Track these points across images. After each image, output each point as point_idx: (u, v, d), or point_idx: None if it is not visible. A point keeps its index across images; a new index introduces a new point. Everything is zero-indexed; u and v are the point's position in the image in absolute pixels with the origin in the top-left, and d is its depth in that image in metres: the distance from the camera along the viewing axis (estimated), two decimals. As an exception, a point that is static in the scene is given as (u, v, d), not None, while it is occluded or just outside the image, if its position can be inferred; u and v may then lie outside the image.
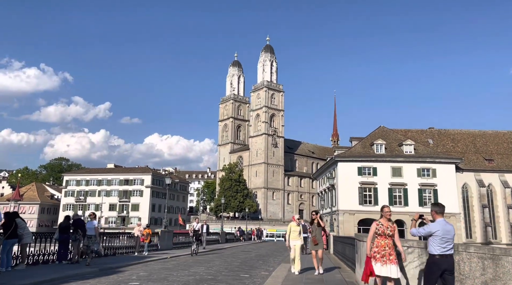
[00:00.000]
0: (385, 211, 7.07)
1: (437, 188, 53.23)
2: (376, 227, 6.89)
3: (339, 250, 16.06)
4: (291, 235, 10.70)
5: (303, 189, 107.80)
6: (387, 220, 7.00)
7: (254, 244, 36.46)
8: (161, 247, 21.01)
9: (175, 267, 12.44)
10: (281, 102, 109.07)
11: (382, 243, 6.73)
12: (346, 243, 13.38)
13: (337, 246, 18.89)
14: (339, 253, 16.36)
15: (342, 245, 15.27)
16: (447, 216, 52.44)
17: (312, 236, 10.73)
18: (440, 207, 6.49)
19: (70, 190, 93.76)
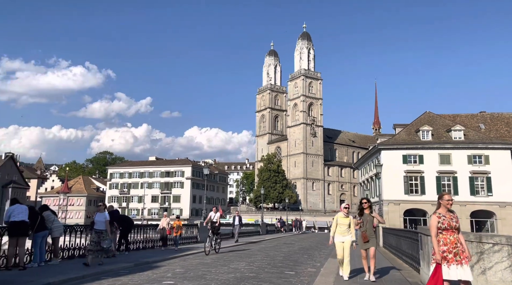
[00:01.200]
0: (446, 200, 5.45)
1: (490, 176, 49.71)
2: (438, 220, 5.36)
3: (392, 243, 14.67)
4: (338, 229, 8.54)
5: (344, 179, 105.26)
6: (447, 210, 5.45)
7: (295, 236, 35.44)
8: (201, 239, 20.41)
9: (214, 262, 11.60)
10: (319, 91, 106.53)
11: (451, 239, 5.23)
12: (402, 237, 11.98)
13: (387, 238, 17.46)
14: (391, 247, 14.94)
15: (396, 238, 13.84)
16: (502, 205, 49.08)
17: (362, 231, 8.37)
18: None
19: (114, 183, 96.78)
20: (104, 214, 10.21)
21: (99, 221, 10.05)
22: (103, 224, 10.03)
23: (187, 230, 19.99)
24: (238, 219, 22.95)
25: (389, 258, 13.29)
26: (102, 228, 10.03)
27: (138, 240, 15.18)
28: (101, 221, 10.10)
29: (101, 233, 9.96)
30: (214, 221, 15.05)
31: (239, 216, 23.27)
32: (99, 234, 9.91)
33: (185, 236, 19.30)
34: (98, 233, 9.90)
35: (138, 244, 15.08)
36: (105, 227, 10.02)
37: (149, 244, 15.93)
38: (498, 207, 48.48)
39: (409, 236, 10.33)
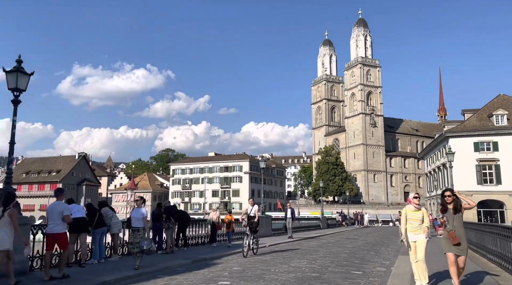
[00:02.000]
0: None
1: None
2: None
3: (471, 239, 13.11)
4: (409, 225, 6.87)
5: (408, 170, 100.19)
6: None
7: (358, 230, 33.96)
8: (259, 234, 19.98)
9: (273, 260, 10.99)
10: (378, 79, 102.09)
11: None
12: (487, 232, 10.51)
13: (467, 234, 15.79)
14: (470, 243, 13.35)
15: (477, 233, 12.28)
16: None
17: (449, 231, 6.44)
18: None
19: (176, 179, 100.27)
20: (141, 210, 8.95)
21: (135, 218, 8.84)
22: (140, 221, 8.75)
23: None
24: (290, 212, 20.95)
25: (473, 259, 11.87)
26: (138, 226, 8.74)
27: (195, 236, 14.90)
28: (137, 218, 8.82)
29: (138, 231, 8.70)
30: (251, 216, 12.77)
31: (291, 209, 21.32)
32: (135, 233, 8.69)
33: (243, 231, 18.92)
34: (134, 231, 8.74)
35: (196, 239, 14.84)
36: (142, 225, 8.73)
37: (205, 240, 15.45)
38: None
39: (499, 232, 8.90)
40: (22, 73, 7.66)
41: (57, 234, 7.62)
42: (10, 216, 6.65)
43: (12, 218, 6.65)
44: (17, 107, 7.69)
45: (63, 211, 7.68)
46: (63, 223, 7.67)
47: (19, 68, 7.62)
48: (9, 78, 7.58)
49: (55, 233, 7.60)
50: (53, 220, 7.61)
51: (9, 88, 7.61)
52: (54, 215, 7.63)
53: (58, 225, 7.60)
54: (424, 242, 6.84)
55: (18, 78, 7.58)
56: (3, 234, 6.57)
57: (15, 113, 7.68)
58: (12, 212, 6.75)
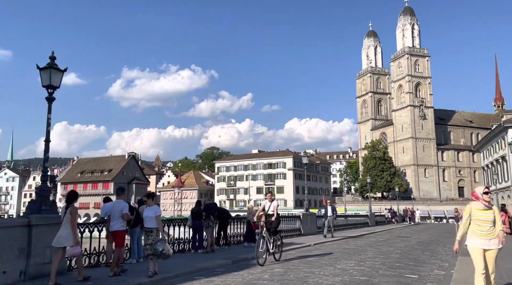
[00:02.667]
0: None
1: None
2: None
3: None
4: (476, 228, 5.40)
5: (462, 164, 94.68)
6: None
7: (409, 227, 32.17)
8: (304, 232, 19.29)
9: (317, 261, 10.24)
10: (426, 69, 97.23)
11: None
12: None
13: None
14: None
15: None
16: None
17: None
18: None
19: (221, 176, 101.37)
20: (154, 209, 7.94)
21: (148, 217, 7.81)
22: (153, 221, 7.71)
23: (289, 222, 18.99)
24: (331, 209, 18.89)
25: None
26: (151, 226, 7.72)
27: (236, 234, 14.43)
28: (150, 217, 7.78)
29: (151, 232, 7.69)
30: (270, 214, 10.33)
31: (332, 206, 19.31)
32: (149, 234, 7.71)
33: (288, 229, 18.30)
34: (147, 232, 7.75)
35: (237, 237, 14.39)
36: (155, 225, 7.70)
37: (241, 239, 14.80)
38: None
39: None
40: (55, 70, 7.54)
41: (116, 231, 7.98)
42: (71, 213, 6.98)
43: (72, 215, 6.98)
44: (51, 104, 7.60)
45: (123, 209, 8.00)
46: (122, 221, 8.01)
47: (53, 65, 7.52)
48: (43, 75, 7.49)
49: (114, 230, 7.98)
50: (114, 218, 7.97)
51: (43, 85, 7.53)
52: (116, 213, 7.98)
53: (117, 223, 7.95)
54: (495, 252, 5.37)
55: (51, 75, 7.48)
56: (67, 232, 6.86)
57: (49, 110, 7.59)
58: (72, 209, 7.08)
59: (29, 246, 6.90)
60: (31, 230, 6.94)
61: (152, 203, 8.07)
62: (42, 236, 7.09)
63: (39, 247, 7.02)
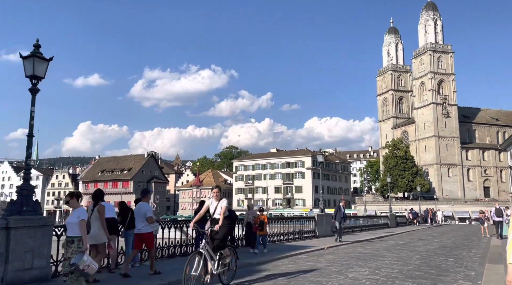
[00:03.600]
0: None
1: None
2: None
3: None
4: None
5: (487, 163, 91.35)
6: None
7: (432, 229, 30.75)
8: (319, 234, 18.40)
9: (327, 267, 9.36)
10: (450, 65, 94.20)
11: None
12: None
13: None
14: None
15: None
16: None
17: None
18: None
19: (239, 175, 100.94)
20: (78, 212, 5.95)
21: (69, 224, 5.95)
22: (75, 227, 5.83)
23: (303, 223, 18.14)
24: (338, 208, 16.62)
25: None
26: (73, 235, 5.83)
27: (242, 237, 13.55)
28: (72, 224, 5.89)
29: (72, 242, 5.80)
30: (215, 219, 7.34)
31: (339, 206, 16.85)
32: (69, 245, 5.81)
33: (301, 230, 17.46)
34: (68, 242, 5.87)
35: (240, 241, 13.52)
36: (78, 233, 5.79)
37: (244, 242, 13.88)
38: None
39: None
40: (40, 59, 6.96)
41: (143, 234, 8.01)
42: (98, 211, 7.18)
43: (100, 213, 7.17)
44: (35, 96, 7.04)
45: (146, 213, 7.99)
46: (148, 224, 8.04)
47: (36, 53, 6.93)
48: (26, 65, 6.92)
49: (141, 233, 7.99)
50: (139, 221, 8.02)
51: (26, 75, 6.96)
52: (140, 216, 8.02)
53: (144, 226, 7.99)
54: None
55: (35, 64, 6.90)
56: (96, 229, 6.96)
57: (33, 103, 7.02)
58: (100, 207, 7.27)
59: (7, 251, 6.32)
60: (9, 233, 6.36)
61: (77, 205, 6.03)
62: (22, 239, 6.49)
63: (18, 251, 6.42)
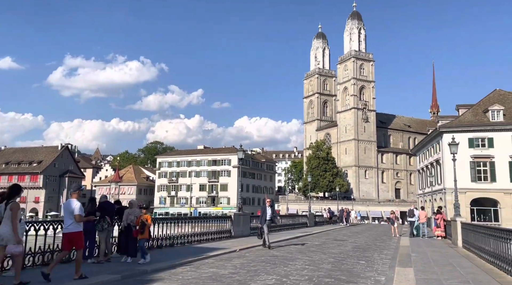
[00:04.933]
0: None
1: None
2: None
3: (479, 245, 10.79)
4: None
5: (399, 167, 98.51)
6: None
7: (348, 229, 31.61)
8: (235, 234, 17.50)
9: (231, 275, 8.24)
10: (371, 73, 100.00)
11: None
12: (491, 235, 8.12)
13: (468, 236, 13.53)
14: (479, 249, 11.05)
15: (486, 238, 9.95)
16: None
17: None
18: None
19: (163, 172, 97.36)
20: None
21: None
22: None
23: (218, 223, 17.10)
24: (270, 211, 14.21)
25: (481, 266, 9.55)
26: None
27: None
28: None
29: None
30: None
31: (271, 206, 14.53)
32: None
33: (216, 230, 16.39)
34: None
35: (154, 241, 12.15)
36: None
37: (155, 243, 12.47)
38: None
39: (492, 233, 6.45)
40: None
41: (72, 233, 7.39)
42: (11, 209, 6.64)
43: (13, 211, 6.61)
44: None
45: (74, 210, 7.40)
46: (76, 222, 7.44)
47: None
48: None
49: (70, 232, 7.39)
50: (67, 219, 7.45)
51: None
52: (68, 214, 7.43)
53: (72, 224, 7.40)
54: None
55: None
56: (7, 229, 6.49)
57: None
58: (13, 205, 6.68)
59: None
60: None
61: None
62: None
63: None
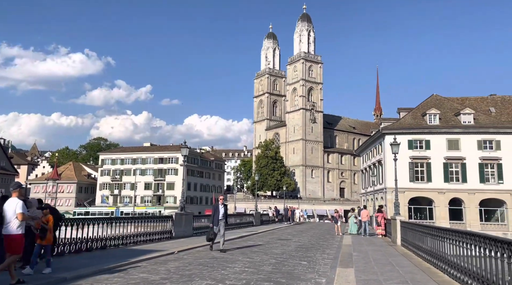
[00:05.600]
0: None
1: (501, 162, 46.49)
2: None
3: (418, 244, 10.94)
4: None
5: (344, 167, 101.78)
6: None
7: (292, 227, 31.74)
8: (177, 235, 16.67)
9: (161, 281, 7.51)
10: (319, 75, 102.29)
11: None
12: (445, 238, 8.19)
13: (406, 235, 13.81)
14: (418, 248, 11.23)
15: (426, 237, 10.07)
16: (511, 193, 45.16)
17: None
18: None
19: (106, 169, 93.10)
20: None
21: None
22: None
23: (158, 222, 16.16)
24: (223, 210, 13.01)
25: (419, 264, 9.63)
26: None
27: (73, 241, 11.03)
28: None
29: None
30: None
31: (224, 206, 13.30)
32: None
33: (155, 231, 15.46)
34: None
35: (76, 245, 11.05)
36: None
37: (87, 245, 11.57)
38: (509, 196, 45.49)
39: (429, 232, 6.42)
40: None
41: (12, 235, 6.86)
42: None
43: None
44: None
45: (15, 209, 6.88)
46: (19, 223, 6.89)
47: None
48: None
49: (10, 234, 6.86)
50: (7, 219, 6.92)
51: None
52: (10, 214, 6.91)
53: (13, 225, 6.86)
54: None
55: None
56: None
57: None
58: None
59: None
60: None
61: None
62: None
63: None
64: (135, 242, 13.78)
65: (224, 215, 13.09)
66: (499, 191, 45.65)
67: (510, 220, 45.43)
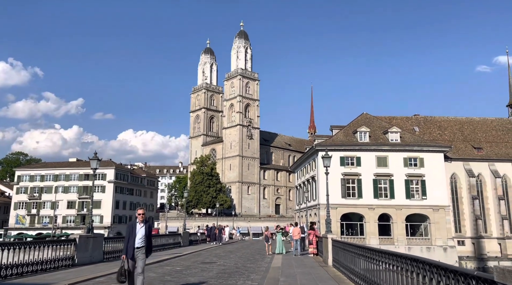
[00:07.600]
0: None
1: (425, 179, 48.97)
2: None
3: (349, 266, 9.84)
4: None
5: (280, 183, 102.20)
6: None
7: (222, 248, 29.78)
8: (80, 261, 14.16)
9: None
10: (256, 92, 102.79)
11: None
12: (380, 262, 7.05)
13: (338, 255, 12.80)
14: (350, 271, 10.12)
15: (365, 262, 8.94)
16: (435, 209, 48.03)
17: None
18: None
19: (22, 187, 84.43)
20: None
21: None
22: None
23: (60, 247, 13.60)
24: (143, 232, 8.26)
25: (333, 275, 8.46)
26: None
27: None
28: None
29: None
30: None
31: (147, 224, 8.43)
32: None
33: (49, 258, 12.88)
34: None
35: None
36: None
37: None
38: (432, 211, 47.70)
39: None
40: None
41: None
42: None
43: None
44: None
45: None
46: None
47: None
48: None
49: None
50: None
51: None
52: None
53: None
54: None
55: None
56: None
57: None
58: None
59: None
60: None
61: None
62: None
63: None
64: (20, 274, 11.22)
65: (144, 239, 8.25)
66: (423, 207, 47.73)
67: (433, 234, 47.55)
